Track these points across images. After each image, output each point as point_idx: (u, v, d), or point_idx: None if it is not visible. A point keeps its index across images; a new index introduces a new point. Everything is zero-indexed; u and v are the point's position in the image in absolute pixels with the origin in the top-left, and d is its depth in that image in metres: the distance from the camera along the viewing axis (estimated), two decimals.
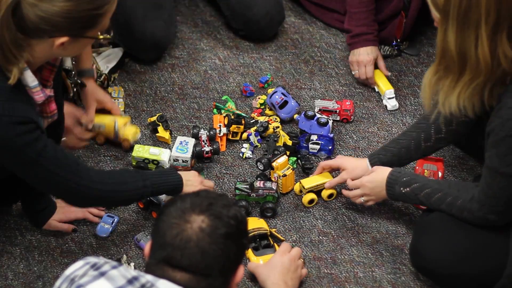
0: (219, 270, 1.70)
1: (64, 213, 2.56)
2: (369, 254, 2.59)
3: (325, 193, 2.70)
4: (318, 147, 2.81)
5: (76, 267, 1.72)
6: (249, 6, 3.15)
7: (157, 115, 2.90)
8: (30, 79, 2.11)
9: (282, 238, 2.58)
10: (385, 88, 3.03)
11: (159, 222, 1.74)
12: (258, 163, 2.74)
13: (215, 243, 1.69)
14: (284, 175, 2.67)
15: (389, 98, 3.02)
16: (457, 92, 2.15)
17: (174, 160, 2.73)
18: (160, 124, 2.87)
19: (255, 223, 2.56)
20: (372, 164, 2.58)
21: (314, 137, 2.82)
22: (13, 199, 2.60)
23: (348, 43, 3.10)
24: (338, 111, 2.95)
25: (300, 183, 2.69)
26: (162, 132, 2.86)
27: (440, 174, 2.72)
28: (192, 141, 2.76)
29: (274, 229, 2.61)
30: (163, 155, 2.73)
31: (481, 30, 2.06)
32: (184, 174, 2.49)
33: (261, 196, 2.66)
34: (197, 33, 3.28)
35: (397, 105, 3.02)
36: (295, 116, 2.94)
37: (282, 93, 2.93)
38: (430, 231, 2.40)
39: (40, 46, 2.07)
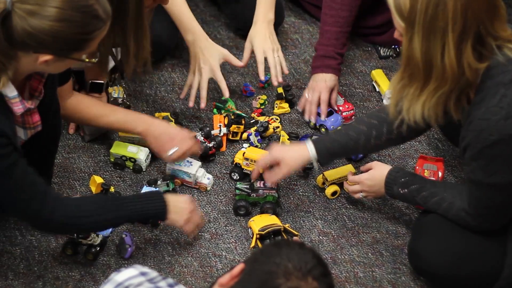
0: None
1: None
2: (369, 254, 2.60)
3: (328, 191, 2.70)
4: None
5: (130, 275, 1.69)
6: (248, 6, 3.14)
7: (170, 111, 2.91)
8: (9, 89, 2.07)
9: (296, 233, 2.58)
10: (385, 88, 3.03)
11: (260, 261, 1.58)
12: (232, 174, 2.76)
13: None
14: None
15: (389, 98, 3.01)
16: (422, 101, 2.13)
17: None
18: (173, 120, 2.87)
19: (268, 220, 2.56)
20: (318, 150, 2.50)
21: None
22: None
23: (311, 67, 2.95)
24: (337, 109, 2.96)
25: (323, 175, 2.69)
26: None
27: (440, 174, 2.72)
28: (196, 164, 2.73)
29: (287, 225, 2.60)
30: (140, 154, 2.73)
31: (448, 38, 2.03)
32: (174, 201, 2.43)
33: (261, 196, 2.66)
34: None
35: None
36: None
37: None
38: (428, 232, 2.40)
39: (25, 59, 2.04)
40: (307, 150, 2.52)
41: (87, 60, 2.10)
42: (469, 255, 2.33)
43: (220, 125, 2.86)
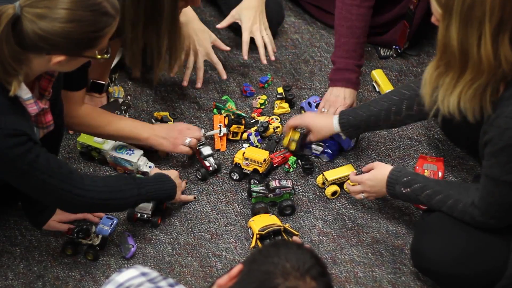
0: None
1: (64, 213, 2.56)
2: (369, 254, 2.59)
3: (328, 191, 2.70)
4: (321, 149, 2.80)
5: (131, 276, 1.69)
6: None
7: (170, 111, 2.94)
8: (24, 91, 2.10)
9: (296, 233, 2.58)
10: (385, 88, 3.03)
11: (258, 261, 1.58)
12: (232, 174, 2.77)
13: None
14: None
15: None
16: (458, 92, 2.12)
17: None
18: (172, 120, 2.88)
19: (268, 220, 2.56)
20: (342, 123, 2.61)
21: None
22: (13, 201, 2.60)
23: (329, 79, 2.92)
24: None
25: (323, 175, 2.69)
26: None
27: (440, 174, 2.72)
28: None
29: (287, 225, 2.60)
30: (105, 145, 2.74)
31: (485, 29, 2.02)
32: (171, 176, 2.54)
33: (278, 196, 2.66)
34: None
35: None
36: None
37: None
38: (431, 231, 2.40)
39: (37, 60, 2.07)
40: (333, 124, 2.64)
41: (99, 56, 2.12)
42: (472, 253, 2.33)
43: (220, 125, 2.86)
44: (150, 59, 2.65)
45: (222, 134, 2.85)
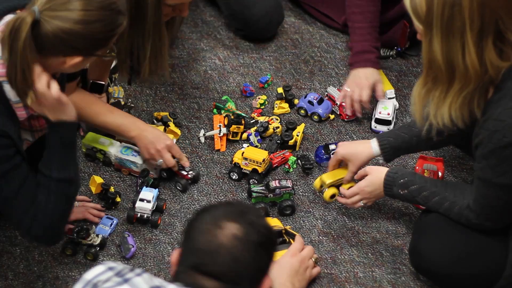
0: (247, 278, 1.67)
1: None
2: (369, 254, 2.60)
3: (327, 194, 2.69)
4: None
5: (98, 272, 1.70)
6: (248, 6, 3.15)
7: (170, 111, 2.93)
8: (13, 93, 2.09)
9: (296, 234, 2.57)
10: (385, 88, 3.03)
11: (190, 228, 1.72)
12: (231, 174, 2.76)
13: (247, 250, 1.67)
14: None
15: (389, 98, 3.01)
16: (448, 103, 2.12)
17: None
18: (172, 120, 2.88)
19: (269, 222, 2.54)
20: (382, 146, 2.53)
21: (332, 147, 2.81)
22: None
23: (349, 63, 2.99)
24: (338, 104, 2.97)
25: (321, 178, 2.69)
26: (174, 128, 2.86)
27: (440, 174, 2.72)
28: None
29: (288, 226, 2.60)
30: (111, 147, 2.74)
31: (467, 38, 2.02)
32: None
33: (278, 196, 2.66)
34: (197, 33, 3.28)
35: (397, 105, 3.02)
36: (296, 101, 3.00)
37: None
38: (429, 231, 2.40)
39: (52, 62, 2.08)
40: (371, 148, 2.54)
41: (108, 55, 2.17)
42: (470, 254, 2.33)
43: (220, 125, 2.86)
44: (135, 62, 2.64)
45: (222, 134, 2.84)
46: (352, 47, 2.99)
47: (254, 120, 2.92)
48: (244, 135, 2.88)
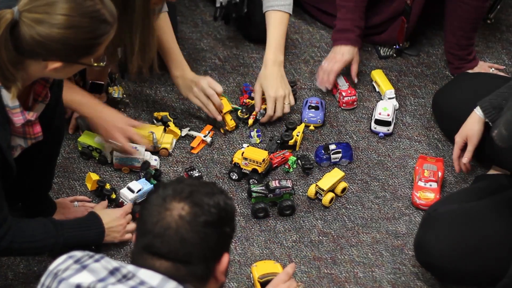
0: (199, 257, 1.70)
1: (63, 213, 2.56)
2: (369, 254, 2.60)
3: (326, 199, 2.69)
4: (339, 155, 2.80)
5: (59, 262, 1.73)
6: (247, 6, 3.14)
7: (169, 111, 2.93)
8: (11, 100, 2.07)
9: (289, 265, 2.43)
10: (385, 88, 3.03)
11: (142, 210, 1.75)
12: (231, 174, 2.77)
13: (194, 231, 1.69)
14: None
15: (389, 98, 3.02)
16: None
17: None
18: (172, 120, 2.88)
19: (270, 268, 2.46)
20: (483, 108, 2.53)
21: (332, 147, 2.81)
22: (13, 201, 2.59)
23: (332, 39, 3.09)
24: (339, 93, 3.01)
25: (317, 185, 2.68)
26: (173, 128, 2.86)
27: (440, 174, 2.72)
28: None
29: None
30: (107, 146, 2.74)
31: None
32: (107, 217, 2.48)
33: (278, 196, 2.66)
34: (197, 33, 3.28)
35: (397, 105, 3.02)
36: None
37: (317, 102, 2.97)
38: (436, 226, 2.40)
39: (33, 66, 2.04)
40: (476, 114, 2.55)
41: (95, 64, 2.10)
42: (477, 250, 2.34)
43: (208, 132, 2.87)
44: (123, 55, 2.63)
45: (205, 140, 2.85)
46: (335, 24, 3.06)
47: (250, 105, 2.95)
48: (250, 121, 2.92)
